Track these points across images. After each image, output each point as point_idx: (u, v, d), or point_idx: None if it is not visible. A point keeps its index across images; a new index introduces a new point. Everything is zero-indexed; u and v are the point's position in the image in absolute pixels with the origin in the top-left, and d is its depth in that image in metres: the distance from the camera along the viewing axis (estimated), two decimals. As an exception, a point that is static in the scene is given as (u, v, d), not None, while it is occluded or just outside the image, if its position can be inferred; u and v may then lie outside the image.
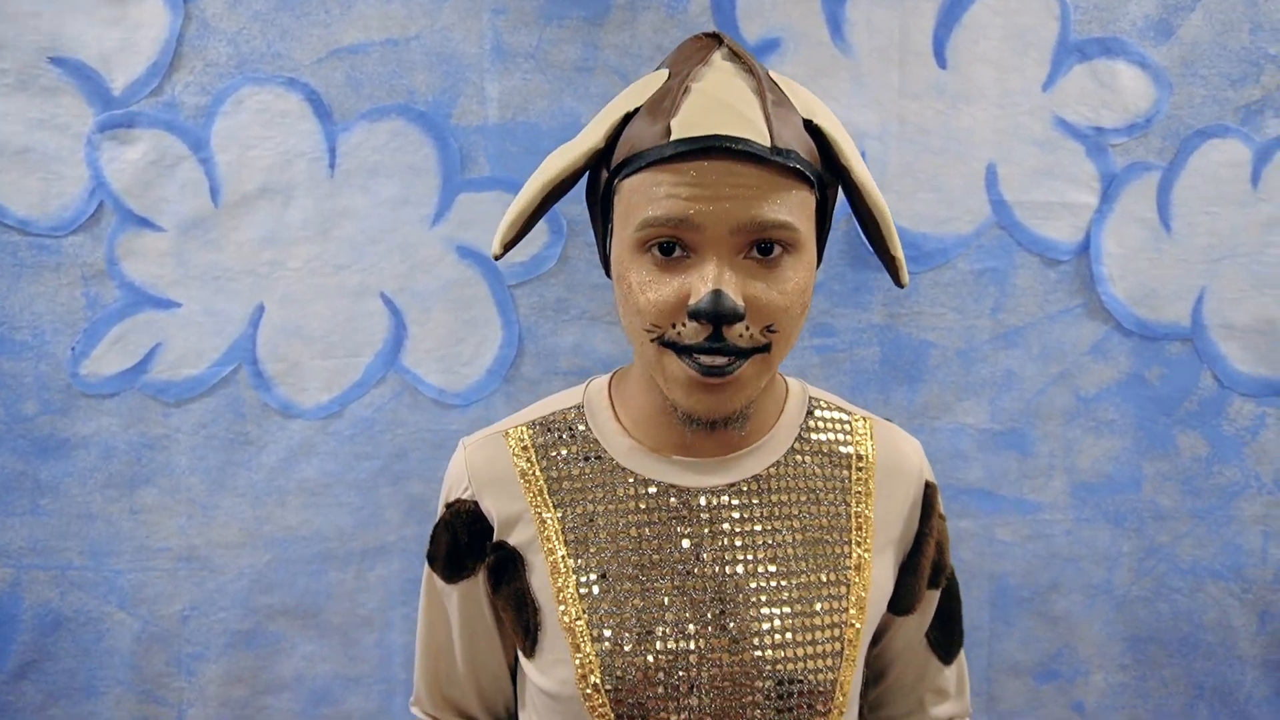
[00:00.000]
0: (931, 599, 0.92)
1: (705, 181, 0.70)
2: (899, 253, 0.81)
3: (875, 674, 0.96)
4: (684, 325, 0.71)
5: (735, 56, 0.75)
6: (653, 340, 0.74)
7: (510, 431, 0.87)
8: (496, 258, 0.81)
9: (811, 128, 0.75)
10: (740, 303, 0.70)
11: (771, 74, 0.77)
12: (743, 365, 0.73)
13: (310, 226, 1.31)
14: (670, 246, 0.72)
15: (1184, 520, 1.44)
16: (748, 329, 0.72)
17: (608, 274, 0.82)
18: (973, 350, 1.40)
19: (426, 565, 0.91)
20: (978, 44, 1.34)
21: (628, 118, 0.76)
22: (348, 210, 1.31)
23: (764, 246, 0.72)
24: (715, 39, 0.78)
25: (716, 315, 0.69)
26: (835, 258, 1.37)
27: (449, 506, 0.88)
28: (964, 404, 1.41)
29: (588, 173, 0.81)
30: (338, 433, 1.34)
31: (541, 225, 1.33)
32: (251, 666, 1.35)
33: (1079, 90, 1.36)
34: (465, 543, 0.86)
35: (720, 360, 0.72)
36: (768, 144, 0.70)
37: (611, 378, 0.89)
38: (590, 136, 0.77)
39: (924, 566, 0.89)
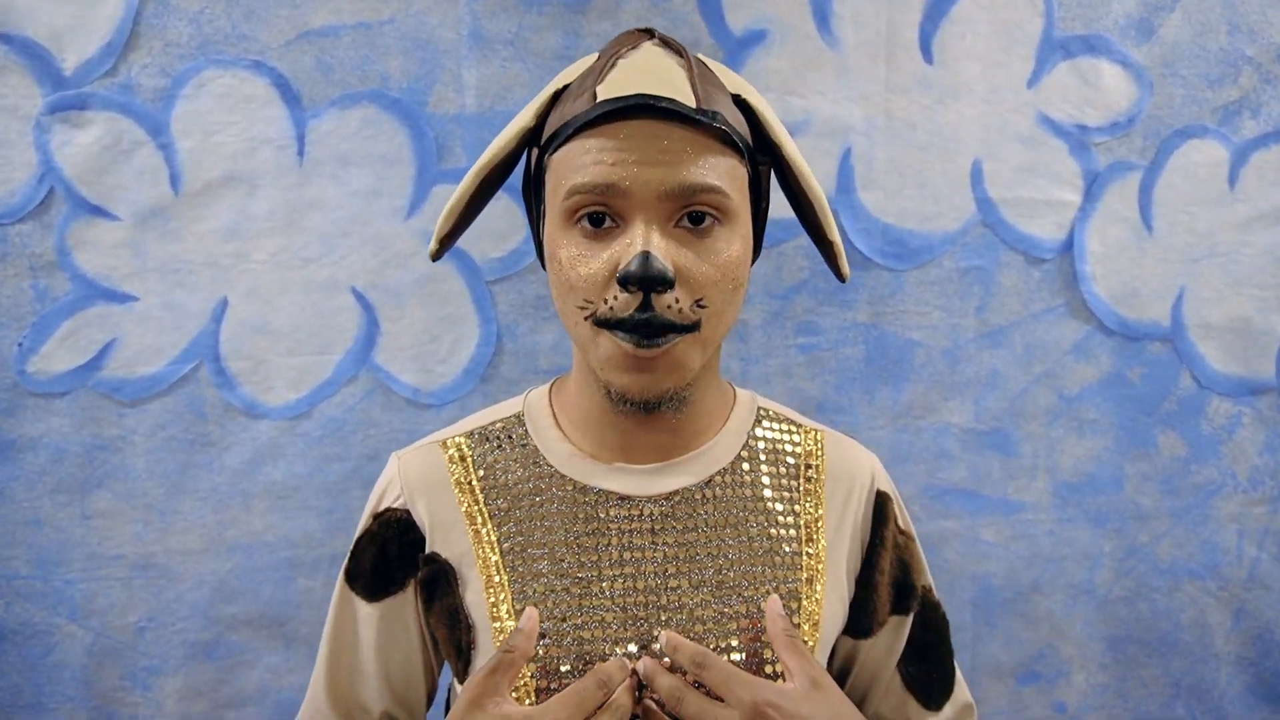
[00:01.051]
0: (899, 626, 0.85)
1: (632, 145, 0.68)
2: (836, 237, 0.78)
3: None
4: (615, 298, 0.69)
5: (666, 44, 0.75)
6: (586, 318, 0.71)
7: (447, 441, 0.83)
8: (434, 257, 0.78)
9: (740, 102, 0.74)
10: (670, 267, 0.67)
11: (700, 56, 0.77)
12: (673, 340, 0.69)
13: (277, 217, 1.25)
14: (600, 217, 0.70)
15: (1163, 520, 1.44)
16: (677, 301, 0.69)
17: (542, 264, 0.79)
18: (957, 349, 1.38)
19: (341, 582, 0.84)
20: (964, 39, 1.33)
21: (557, 96, 0.75)
22: (317, 201, 1.25)
23: (695, 215, 0.70)
24: (647, 32, 0.77)
25: (645, 278, 0.66)
26: (818, 255, 1.34)
27: (377, 517, 0.82)
28: (948, 404, 1.39)
29: (525, 162, 0.79)
30: (306, 434, 1.28)
31: (520, 220, 1.28)
32: (212, 680, 1.28)
33: (1063, 87, 1.36)
34: (395, 555, 0.81)
35: (650, 334, 0.69)
36: (693, 105, 0.69)
37: (552, 385, 0.86)
38: (521, 118, 0.75)
39: (880, 584, 0.83)
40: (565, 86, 0.75)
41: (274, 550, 1.29)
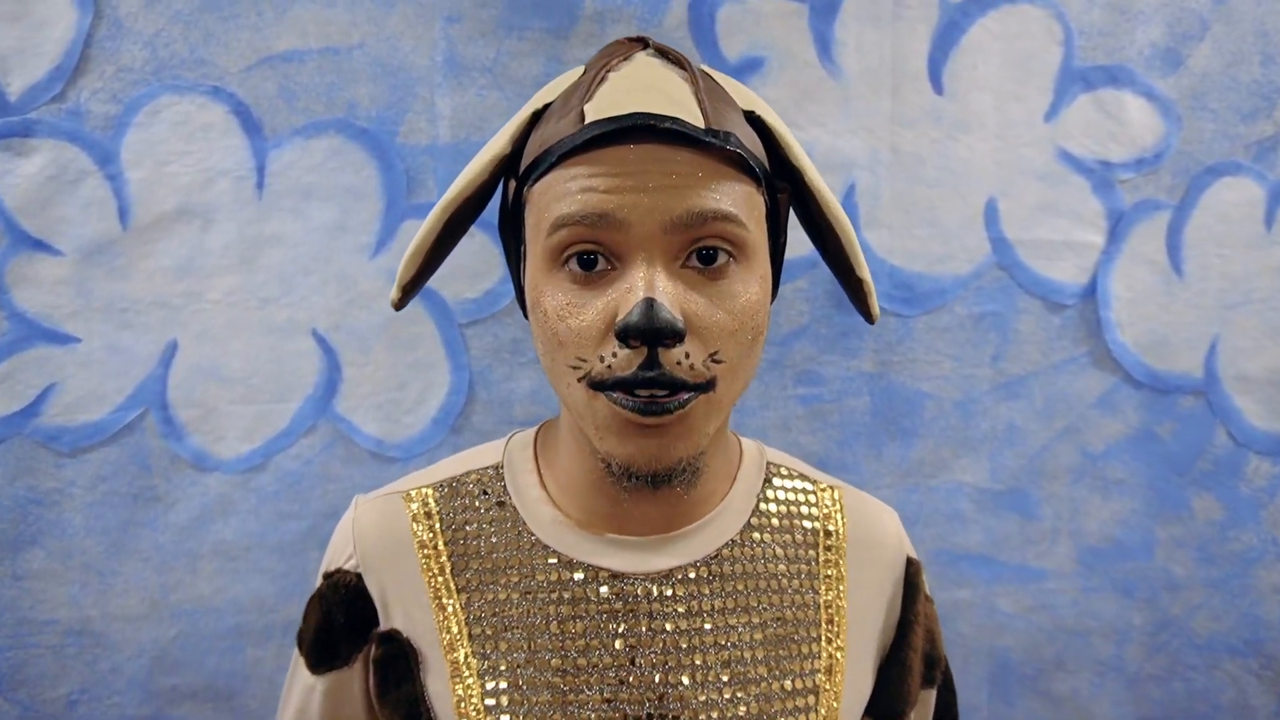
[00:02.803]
0: (926, 699, 0.78)
1: (628, 170, 0.57)
2: (866, 275, 0.68)
3: None
4: (613, 356, 0.58)
5: (663, 54, 0.64)
6: (580, 380, 0.60)
7: (412, 493, 0.71)
8: (396, 306, 0.68)
9: (753, 119, 0.64)
10: (679, 316, 0.56)
11: (704, 68, 0.66)
12: (688, 402, 0.58)
13: (233, 254, 1.16)
14: (591, 259, 0.58)
15: (1199, 590, 1.32)
16: (687, 356, 0.58)
17: (524, 311, 0.68)
18: (971, 402, 1.28)
19: (296, 649, 0.74)
20: (977, 69, 1.24)
21: (536, 118, 0.64)
22: (277, 236, 1.16)
23: (706, 253, 0.58)
24: (640, 41, 0.66)
25: (650, 331, 0.55)
26: (821, 298, 1.25)
27: (327, 577, 0.72)
28: (961, 461, 1.28)
29: (501, 194, 0.68)
30: (259, 489, 1.18)
31: (496, 257, 1.19)
32: (151, 759, 1.17)
33: (1084, 121, 1.27)
34: (341, 624, 0.70)
35: (660, 395, 0.58)
36: (702, 125, 0.58)
37: (538, 432, 0.74)
38: (494, 144, 0.65)
39: (913, 662, 0.75)
40: (546, 106, 0.64)
41: (221, 616, 1.18)
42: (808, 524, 0.72)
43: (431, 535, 0.69)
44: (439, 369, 1.20)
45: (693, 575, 0.67)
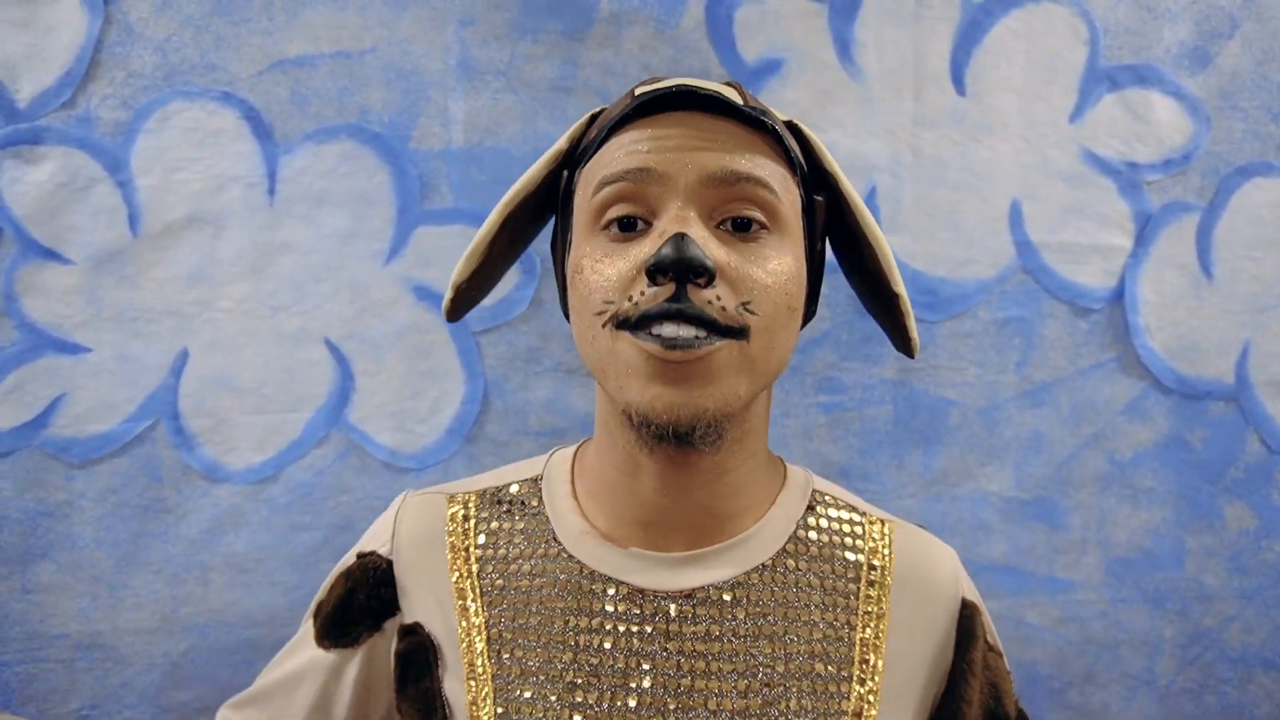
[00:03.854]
0: None
1: (670, 133, 0.61)
2: (902, 289, 0.67)
3: None
4: (641, 294, 0.58)
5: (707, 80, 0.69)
6: (604, 325, 0.59)
7: (456, 495, 0.73)
8: (450, 315, 0.70)
9: (793, 127, 0.67)
10: (709, 257, 0.57)
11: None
12: (715, 344, 0.57)
13: (244, 261, 1.14)
14: (631, 221, 0.60)
15: (1232, 601, 1.28)
16: (719, 298, 0.57)
17: (566, 314, 0.68)
18: (996, 409, 1.25)
19: (309, 617, 0.76)
20: (1000, 69, 1.22)
21: (593, 119, 0.69)
22: (288, 244, 1.14)
23: (740, 221, 0.60)
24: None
25: (679, 262, 0.55)
26: (842, 303, 1.23)
27: (360, 557, 0.74)
28: (986, 469, 1.25)
29: (554, 223, 0.71)
30: (271, 500, 1.16)
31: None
32: (162, 775, 1.15)
33: (1110, 122, 1.24)
34: (360, 604, 0.72)
35: (686, 332, 0.57)
36: (742, 104, 0.62)
37: (579, 447, 0.74)
38: (555, 146, 0.69)
39: (967, 715, 0.68)
40: (602, 110, 0.69)
41: (233, 630, 1.16)
42: (850, 555, 0.68)
43: (465, 538, 0.70)
44: (453, 378, 1.18)
45: (717, 597, 0.65)
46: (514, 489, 0.72)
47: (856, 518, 0.71)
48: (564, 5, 1.15)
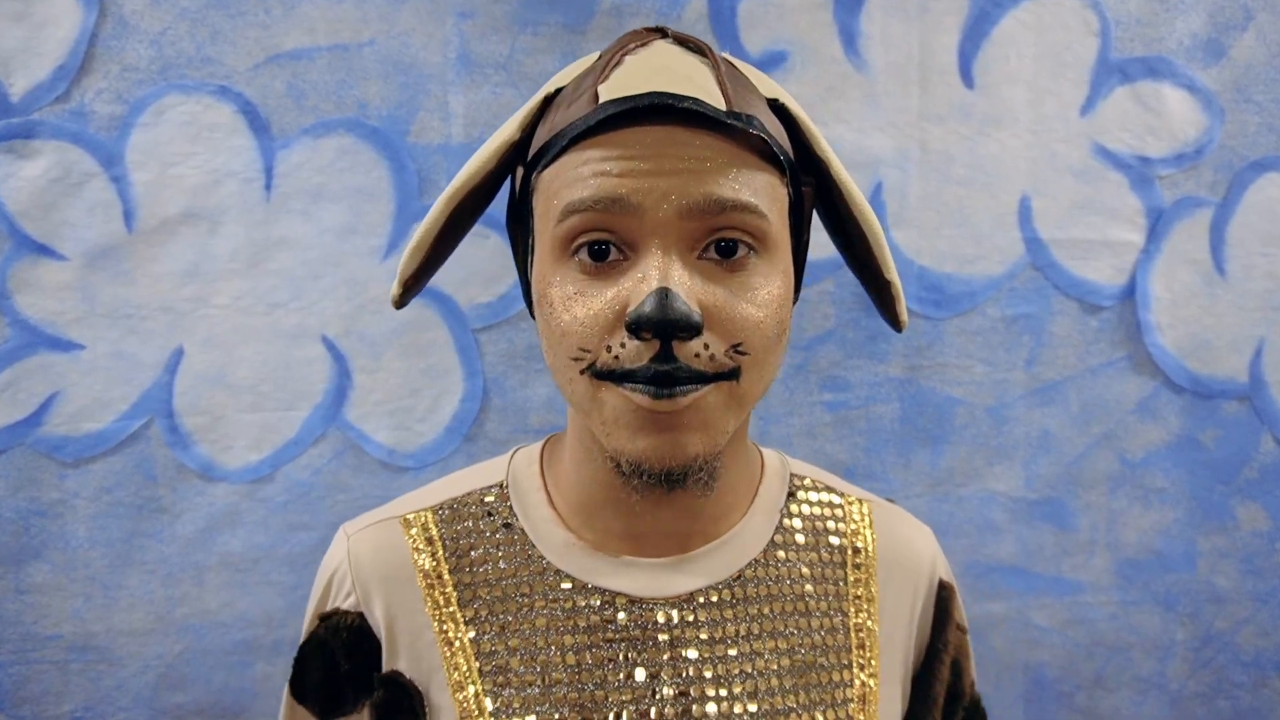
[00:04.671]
0: None
1: (644, 153, 0.53)
2: (894, 277, 0.63)
3: None
4: (621, 346, 0.53)
5: (682, 43, 0.60)
6: (583, 372, 0.55)
7: (410, 517, 0.66)
8: (397, 303, 0.64)
9: (777, 108, 0.60)
10: (695, 308, 0.52)
11: (726, 55, 0.62)
12: (703, 389, 0.54)
13: (240, 258, 1.12)
14: (603, 249, 0.54)
15: (1245, 604, 1.26)
16: (706, 348, 0.53)
17: (530, 311, 0.63)
18: (1004, 408, 1.23)
19: (287, 694, 0.69)
20: (1008, 62, 1.20)
21: (548, 103, 0.60)
22: (285, 239, 1.13)
23: (725, 245, 0.55)
24: (658, 30, 0.62)
25: (664, 323, 0.51)
26: (848, 301, 1.20)
27: (324, 620, 0.66)
28: (994, 469, 1.23)
29: (509, 186, 0.64)
30: (267, 499, 1.14)
31: (510, 260, 1.15)
32: (157, 778, 1.14)
33: (1121, 115, 1.22)
34: (347, 671, 0.65)
35: (671, 383, 0.53)
36: (723, 107, 0.55)
37: (543, 446, 0.69)
38: (504, 130, 0.60)
39: (938, 695, 0.69)
40: (558, 90, 0.60)
41: (228, 631, 1.14)
42: (835, 540, 0.67)
43: (435, 564, 0.64)
44: (452, 376, 1.16)
45: (714, 598, 0.63)
46: (479, 499, 0.66)
47: (836, 499, 0.70)
48: (565, -3, 1.14)
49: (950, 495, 1.23)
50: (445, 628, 0.62)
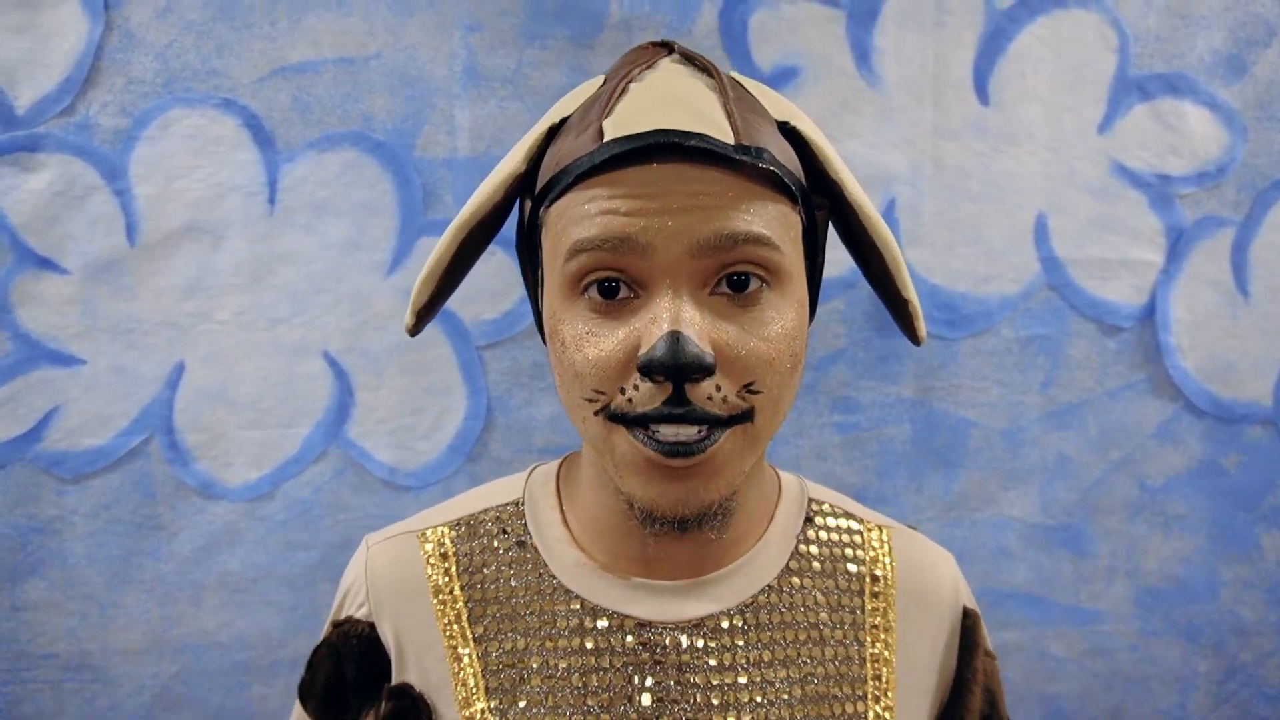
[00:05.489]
0: None
1: (652, 191, 0.53)
2: (912, 295, 0.62)
3: None
4: (635, 389, 0.54)
5: (689, 60, 0.60)
6: (597, 414, 0.56)
7: (427, 532, 0.67)
8: (411, 332, 0.64)
9: (788, 130, 0.59)
10: (708, 350, 0.52)
11: (734, 75, 0.61)
12: (719, 439, 0.54)
13: (243, 272, 1.11)
14: (613, 286, 0.55)
15: (1269, 635, 1.23)
16: (719, 389, 0.53)
17: (542, 337, 0.63)
18: (1020, 431, 1.20)
19: (297, 701, 0.70)
20: (1025, 78, 1.18)
21: (553, 132, 0.60)
22: (289, 254, 1.12)
23: (736, 279, 0.54)
24: (665, 46, 0.61)
25: (675, 367, 0.51)
26: (859, 320, 1.18)
27: (336, 626, 0.67)
28: (1009, 493, 1.21)
29: (518, 213, 0.64)
30: (267, 517, 1.13)
31: (515, 277, 1.14)
32: (151, 801, 1.12)
33: (1140, 133, 1.20)
34: (353, 678, 0.66)
35: (687, 433, 0.53)
36: (731, 141, 0.54)
37: (561, 465, 0.69)
38: (509, 161, 0.61)
39: None
40: (564, 120, 0.59)
41: (226, 651, 1.13)
42: (852, 568, 0.66)
43: (447, 579, 0.64)
44: (455, 393, 1.15)
45: (726, 625, 0.61)
46: (495, 517, 0.67)
47: (855, 525, 0.68)
48: (573, 11, 1.12)
49: (964, 520, 1.20)
50: (455, 643, 0.63)
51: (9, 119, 1.08)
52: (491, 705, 0.61)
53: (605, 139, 0.54)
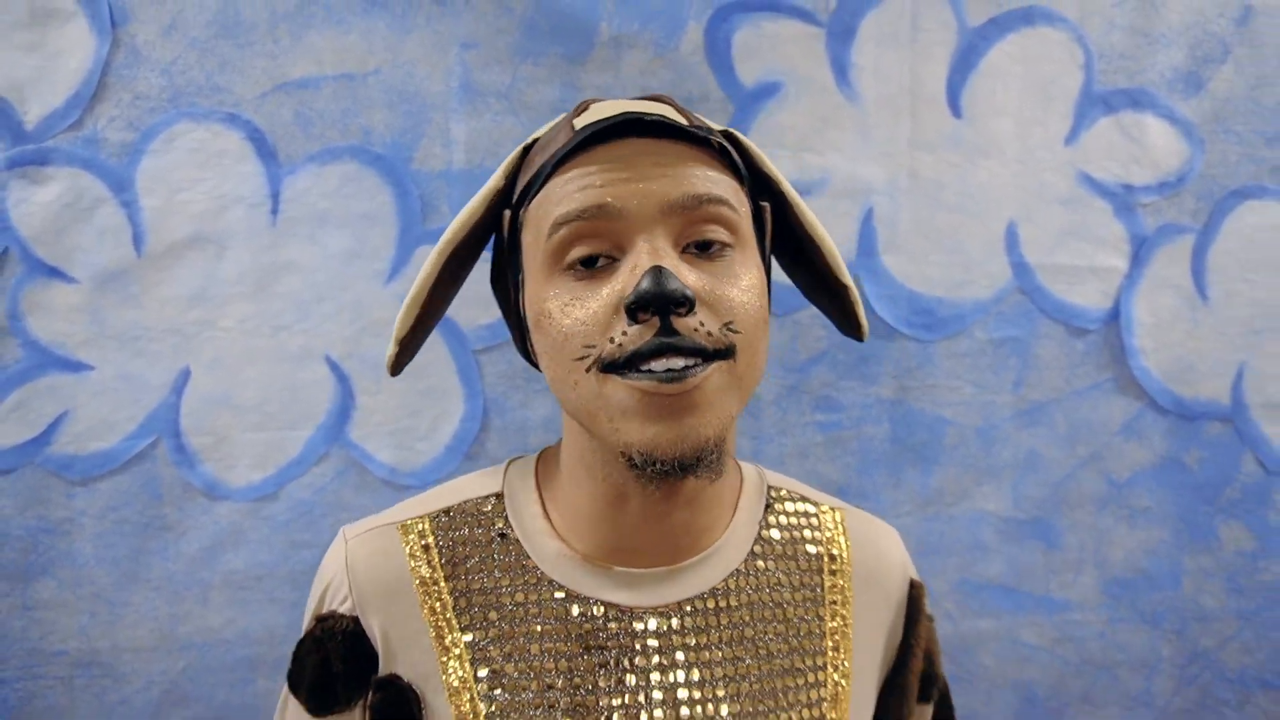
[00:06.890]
0: (922, 715, 0.78)
1: (622, 164, 0.59)
2: (849, 281, 0.68)
3: None
4: (623, 334, 0.57)
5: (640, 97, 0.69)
6: (589, 370, 0.58)
7: (408, 524, 0.68)
8: (392, 369, 0.67)
9: (729, 137, 0.67)
10: (688, 286, 0.57)
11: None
12: (708, 369, 0.57)
13: (247, 281, 1.15)
14: (593, 259, 0.59)
15: (1229, 622, 1.28)
16: (703, 324, 0.57)
17: (524, 355, 0.69)
18: (992, 429, 1.25)
19: (285, 688, 0.72)
20: (996, 93, 1.23)
21: (526, 151, 0.67)
22: (291, 263, 1.16)
23: (703, 243, 0.60)
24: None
25: (661, 295, 0.55)
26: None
27: (320, 621, 0.69)
28: (983, 489, 1.26)
29: (494, 244, 0.70)
30: (271, 517, 1.16)
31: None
32: (160, 793, 1.15)
33: (1105, 145, 1.25)
34: (340, 671, 0.67)
35: (676, 364, 0.56)
36: (685, 124, 0.62)
37: (539, 458, 0.72)
38: (490, 182, 0.67)
39: (911, 684, 0.74)
40: (535, 140, 0.66)
41: (232, 648, 1.16)
42: (811, 549, 0.71)
43: (431, 570, 0.67)
44: (453, 396, 1.19)
45: (699, 607, 0.66)
46: (476, 508, 0.68)
47: (810, 509, 0.73)
48: (565, 29, 1.17)
49: (941, 515, 1.26)
50: (441, 634, 0.65)
51: (19, 134, 1.11)
52: (480, 693, 0.63)
53: (576, 130, 0.61)
